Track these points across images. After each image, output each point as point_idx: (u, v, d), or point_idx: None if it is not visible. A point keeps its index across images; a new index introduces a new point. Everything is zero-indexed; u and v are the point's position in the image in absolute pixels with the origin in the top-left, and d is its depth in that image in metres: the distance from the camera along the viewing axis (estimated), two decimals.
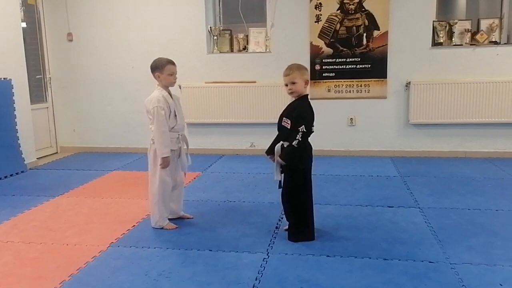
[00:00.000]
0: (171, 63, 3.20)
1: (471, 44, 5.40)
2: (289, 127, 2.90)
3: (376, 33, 5.45)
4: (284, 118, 2.96)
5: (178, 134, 3.27)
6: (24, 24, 5.69)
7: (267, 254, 2.83)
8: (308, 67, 5.63)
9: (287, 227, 3.13)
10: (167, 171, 3.22)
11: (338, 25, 5.52)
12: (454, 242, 2.96)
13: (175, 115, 3.21)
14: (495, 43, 5.35)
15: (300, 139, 2.82)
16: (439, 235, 3.08)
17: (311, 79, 5.67)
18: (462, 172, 4.80)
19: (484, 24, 5.41)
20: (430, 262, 2.68)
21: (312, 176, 3.07)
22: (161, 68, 3.16)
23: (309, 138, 2.93)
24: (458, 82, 5.32)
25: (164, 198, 3.27)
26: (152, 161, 3.25)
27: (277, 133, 3.08)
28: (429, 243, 2.96)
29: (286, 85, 2.93)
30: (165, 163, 3.16)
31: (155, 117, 3.10)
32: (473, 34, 5.43)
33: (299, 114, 2.88)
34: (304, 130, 2.83)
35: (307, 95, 3.00)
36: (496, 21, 5.36)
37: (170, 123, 3.17)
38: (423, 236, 3.07)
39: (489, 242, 2.96)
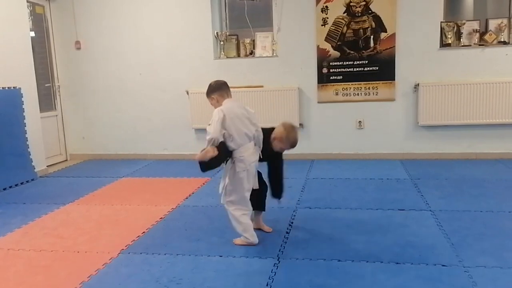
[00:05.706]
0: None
1: (479, 45, 5.35)
2: None
3: (383, 35, 5.43)
4: None
5: None
6: (32, 33, 5.76)
7: (278, 260, 2.82)
8: (315, 70, 5.65)
9: None
10: (239, 189, 3.00)
11: (345, 28, 5.50)
12: (467, 245, 2.92)
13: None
14: (504, 43, 5.30)
15: None
16: (452, 238, 3.05)
17: (318, 83, 5.68)
18: (473, 174, 4.75)
19: (493, 24, 5.36)
20: (443, 265, 2.65)
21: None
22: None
23: None
24: (467, 83, 5.28)
25: (239, 215, 3.03)
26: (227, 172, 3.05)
27: None
28: (442, 246, 2.93)
29: None
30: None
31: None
32: (482, 35, 5.39)
33: None
34: None
35: None
36: (505, 21, 5.31)
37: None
38: (435, 239, 3.04)
39: (502, 244, 2.92)
